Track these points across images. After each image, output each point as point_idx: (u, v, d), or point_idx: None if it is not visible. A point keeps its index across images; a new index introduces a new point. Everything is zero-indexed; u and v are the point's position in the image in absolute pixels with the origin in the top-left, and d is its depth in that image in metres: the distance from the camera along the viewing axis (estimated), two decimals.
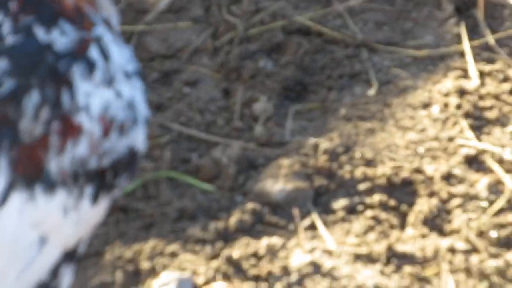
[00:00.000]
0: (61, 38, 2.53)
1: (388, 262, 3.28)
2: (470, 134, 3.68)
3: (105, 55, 2.52)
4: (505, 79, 3.92)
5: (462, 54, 4.03)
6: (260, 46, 4.05)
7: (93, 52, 2.55)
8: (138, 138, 2.51)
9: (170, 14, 4.28)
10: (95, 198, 2.48)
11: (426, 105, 3.82)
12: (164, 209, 3.48)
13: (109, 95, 2.52)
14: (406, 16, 4.20)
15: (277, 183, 3.49)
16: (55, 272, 2.59)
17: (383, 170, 3.56)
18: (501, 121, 3.76)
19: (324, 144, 3.63)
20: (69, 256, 2.66)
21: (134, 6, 4.27)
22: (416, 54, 4.06)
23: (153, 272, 3.25)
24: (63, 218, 2.52)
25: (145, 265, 3.28)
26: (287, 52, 4.02)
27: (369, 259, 3.29)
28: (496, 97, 3.83)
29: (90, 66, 2.49)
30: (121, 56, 2.56)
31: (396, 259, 3.29)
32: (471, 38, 4.09)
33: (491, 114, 3.78)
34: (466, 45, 4.04)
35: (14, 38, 2.56)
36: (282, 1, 4.21)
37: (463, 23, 4.15)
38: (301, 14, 4.19)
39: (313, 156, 3.60)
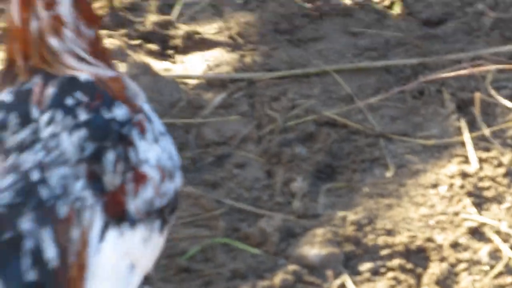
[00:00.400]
0: (120, 112, 2.79)
1: None
2: (472, 209, 3.69)
3: (149, 120, 2.87)
4: (500, 164, 3.92)
5: (463, 144, 4.05)
6: (296, 136, 4.06)
7: (143, 120, 2.87)
8: (179, 181, 2.85)
9: (222, 109, 4.29)
10: (161, 230, 2.80)
11: (434, 185, 3.83)
12: (220, 270, 3.47)
13: (158, 149, 2.86)
14: (416, 112, 4.23)
15: (313, 249, 3.49)
16: None
17: (400, 239, 3.55)
18: (497, 199, 3.76)
19: (351, 216, 3.64)
20: (145, 279, 2.86)
21: (193, 103, 4.29)
22: (425, 143, 4.07)
23: None
24: (143, 247, 2.77)
25: None
26: (318, 140, 4.03)
27: None
28: (493, 179, 3.83)
29: (143, 130, 2.82)
30: (157, 120, 2.92)
31: None
32: (470, 131, 4.10)
33: (489, 193, 3.78)
34: (466, 136, 4.06)
35: (87, 116, 2.76)
36: (313, 99, 4.23)
37: (463, 118, 4.17)
38: (329, 110, 4.21)
39: (342, 226, 3.60)
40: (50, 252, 2.50)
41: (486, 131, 4.05)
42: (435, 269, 3.43)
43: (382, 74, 4.42)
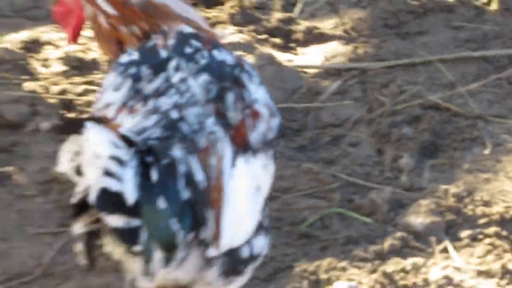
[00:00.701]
0: (227, 56, 3.05)
1: (502, 277, 3.25)
2: None
3: (252, 67, 3.07)
4: None
5: None
6: (403, 118, 4.09)
7: (247, 65, 3.07)
8: (279, 119, 2.95)
9: (337, 95, 4.32)
10: (273, 158, 2.94)
11: None
12: (335, 236, 3.50)
13: (262, 91, 3.01)
14: (511, 97, 4.23)
15: (418, 218, 3.48)
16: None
17: (496, 209, 3.54)
18: None
19: (452, 189, 3.64)
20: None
21: (312, 90, 4.32)
22: None
23: (329, 282, 3.25)
24: (264, 172, 2.92)
25: (323, 276, 3.28)
26: (423, 122, 4.04)
27: (488, 274, 3.26)
28: None
29: (250, 74, 3.02)
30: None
31: (509, 275, 3.26)
32: None
33: None
34: None
35: (206, 61, 3.01)
36: (419, 85, 4.25)
37: None
38: (433, 95, 4.21)
39: (444, 198, 3.60)
40: (199, 175, 2.63)
41: None
42: None
43: (481, 63, 4.40)
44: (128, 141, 2.51)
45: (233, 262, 2.86)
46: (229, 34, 4.63)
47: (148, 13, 3.16)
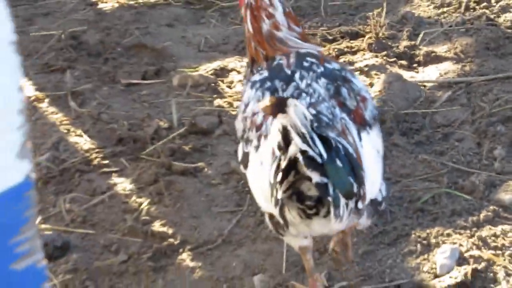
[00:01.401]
0: (335, 65, 3.20)
1: None
2: None
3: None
4: None
5: None
6: (498, 119, 4.04)
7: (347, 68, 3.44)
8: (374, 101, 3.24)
9: (448, 102, 4.30)
10: (379, 131, 3.04)
11: None
12: (443, 210, 3.52)
13: (362, 83, 3.22)
14: None
15: (507, 195, 3.54)
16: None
17: None
18: None
19: None
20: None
21: (429, 99, 4.34)
22: None
23: (437, 245, 3.28)
24: (378, 139, 3.00)
25: (433, 241, 3.32)
26: None
27: None
28: None
29: (351, 73, 3.22)
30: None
31: None
32: None
33: None
34: None
35: (321, 69, 3.10)
36: (511, 94, 4.23)
37: None
38: None
39: None
40: (350, 149, 2.65)
41: None
42: None
43: None
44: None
45: (373, 207, 2.90)
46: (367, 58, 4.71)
47: (270, 42, 3.25)
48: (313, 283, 3.15)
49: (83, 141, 4.20)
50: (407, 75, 4.55)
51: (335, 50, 4.81)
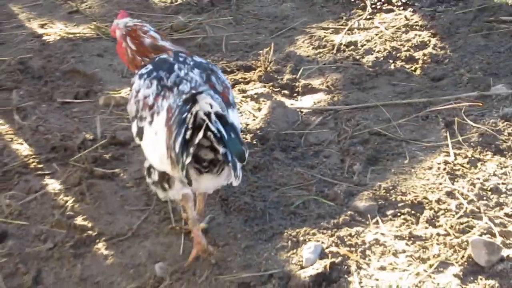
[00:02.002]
0: (201, 59, 3.34)
1: (409, 239, 3.22)
2: (449, 182, 3.61)
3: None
4: (466, 157, 3.81)
5: (447, 145, 3.92)
6: (358, 141, 4.05)
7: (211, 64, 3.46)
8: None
9: (320, 125, 4.28)
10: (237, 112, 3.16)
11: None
12: (311, 214, 3.50)
13: (224, 77, 3.32)
14: (424, 128, 4.16)
15: (362, 202, 3.51)
16: None
17: (409, 197, 3.52)
18: (463, 177, 3.67)
19: (384, 185, 3.63)
20: None
21: (304, 122, 4.30)
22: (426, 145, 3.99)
23: (304, 242, 3.24)
24: (237, 116, 3.20)
25: (301, 238, 3.26)
26: (370, 143, 4.03)
27: (401, 238, 3.24)
28: (462, 165, 3.74)
29: (215, 67, 3.32)
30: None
31: (413, 238, 3.23)
32: (451, 138, 3.98)
33: (459, 173, 3.70)
34: (449, 141, 3.94)
35: (193, 61, 3.28)
36: (369, 120, 4.23)
37: (449, 131, 4.05)
38: (377, 126, 4.17)
39: (378, 190, 3.59)
40: (234, 122, 2.89)
41: (460, 138, 3.94)
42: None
43: (407, 107, 4.38)
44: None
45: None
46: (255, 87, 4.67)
47: (154, 49, 3.39)
48: (196, 232, 3.23)
49: (23, 148, 4.14)
50: (288, 102, 4.51)
51: (232, 80, 4.76)
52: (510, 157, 3.81)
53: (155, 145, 3.06)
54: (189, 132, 2.73)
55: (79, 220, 3.51)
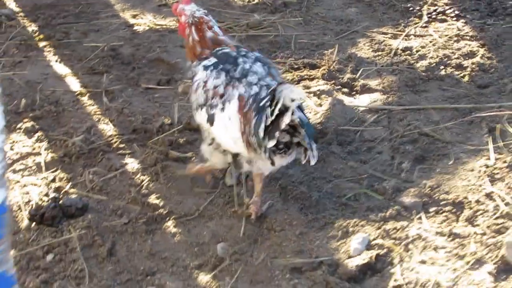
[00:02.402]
0: (259, 54, 3.30)
1: (449, 236, 3.09)
2: (488, 184, 3.42)
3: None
4: (505, 162, 3.58)
5: (488, 150, 3.70)
6: (408, 140, 3.89)
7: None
8: None
9: (374, 123, 4.12)
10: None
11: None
12: (361, 206, 3.41)
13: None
14: (469, 131, 3.96)
15: (408, 198, 3.40)
16: None
17: (451, 196, 3.36)
18: (502, 180, 3.46)
19: (429, 183, 3.47)
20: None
21: (360, 119, 4.13)
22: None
23: (353, 233, 3.18)
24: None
25: (351, 229, 3.20)
26: (419, 142, 3.85)
27: (442, 234, 3.11)
28: (500, 169, 3.54)
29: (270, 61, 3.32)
30: None
31: (453, 235, 3.10)
32: (493, 143, 3.76)
33: (498, 176, 3.49)
34: (490, 145, 3.71)
35: (253, 55, 3.25)
36: (419, 122, 4.04)
37: (490, 136, 3.83)
38: (426, 127, 3.97)
39: (423, 188, 3.45)
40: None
41: (501, 144, 3.73)
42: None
43: (454, 111, 4.16)
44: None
45: None
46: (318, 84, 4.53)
47: (214, 43, 3.29)
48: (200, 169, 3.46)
49: (108, 128, 4.10)
50: (347, 100, 4.37)
51: (298, 76, 4.64)
52: None
53: (228, 129, 3.01)
54: (269, 119, 2.72)
55: (152, 199, 3.47)
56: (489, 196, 3.38)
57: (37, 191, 3.52)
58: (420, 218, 3.27)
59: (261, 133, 2.77)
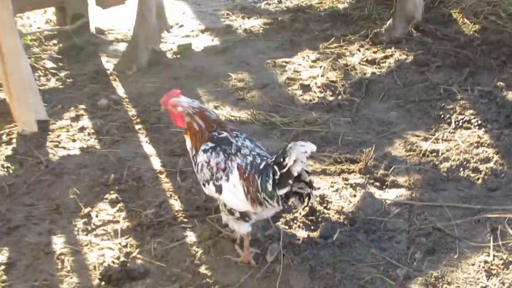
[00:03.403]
0: (244, 134, 3.49)
1: None
2: None
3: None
4: None
5: None
6: (423, 233, 3.92)
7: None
8: None
9: (397, 215, 4.15)
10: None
11: None
12: None
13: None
14: None
15: None
16: None
17: None
18: None
19: None
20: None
21: (386, 211, 4.18)
22: None
23: None
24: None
25: None
26: None
27: None
28: None
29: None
30: None
31: None
32: None
33: None
34: None
35: (243, 137, 3.42)
36: None
37: None
38: None
39: None
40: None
41: (500, 243, 3.70)
42: None
43: (464, 211, 4.16)
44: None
45: None
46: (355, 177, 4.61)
47: (216, 123, 3.42)
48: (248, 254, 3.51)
49: (176, 204, 4.16)
50: (377, 193, 4.46)
51: (339, 169, 4.75)
52: None
53: (235, 194, 3.23)
54: (284, 170, 3.02)
55: (202, 268, 3.51)
56: None
57: (111, 254, 3.62)
58: None
59: (270, 187, 3.06)
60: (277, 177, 3.03)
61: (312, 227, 3.94)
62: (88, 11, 6.44)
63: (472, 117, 5.38)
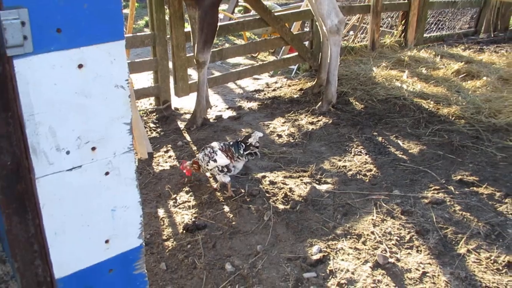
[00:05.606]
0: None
1: None
2: None
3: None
4: None
5: None
6: None
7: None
8: None
9: None
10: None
11: None
12: None
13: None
14: None
15: None
16: None
17: None
18: None
19: None
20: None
21: None
22: None
23: None
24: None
25: None
26: None
27: None
28: None
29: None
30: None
31: None
32: None
33: None
34: None
35: (240, 148, 3.48)
36: None
37: None
38: None
39: None
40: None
41: None
42: None
43: None
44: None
45: None
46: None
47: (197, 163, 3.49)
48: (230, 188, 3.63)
49: (218, 194, 3.93)
50: (317, 187, 4.21)
51: (298, 175, 4.45)
52: None
53: (222, 158, 3.54)
54: (247, 144, 3.35)
55: (233, 223, 3.35)
56: None
57: (187, 217, 3.49)
58: None
59: (241, 151, 3.47)
60: (243, 146, 3.46)
61: (286, 203, 3.89)
62: (171, 98, 6.85)
63: (362, 149, 5.87)
